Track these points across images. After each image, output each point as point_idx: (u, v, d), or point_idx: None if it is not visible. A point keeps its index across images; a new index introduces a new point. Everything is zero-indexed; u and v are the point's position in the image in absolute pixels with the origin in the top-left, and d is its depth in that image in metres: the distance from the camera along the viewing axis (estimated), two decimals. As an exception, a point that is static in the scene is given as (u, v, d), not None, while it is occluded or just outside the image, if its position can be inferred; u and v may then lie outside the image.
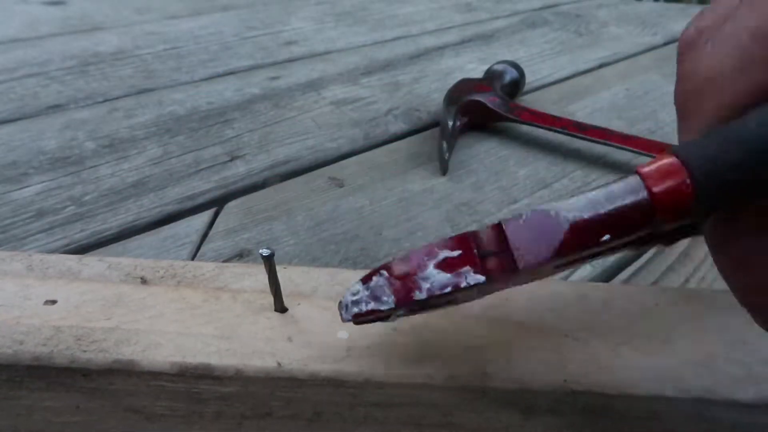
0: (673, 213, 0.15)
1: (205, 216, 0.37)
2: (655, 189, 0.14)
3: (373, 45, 0.68)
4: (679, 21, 0.82)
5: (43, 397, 0.20)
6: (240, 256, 0.34)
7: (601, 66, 0.65)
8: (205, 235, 0.35)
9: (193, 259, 0.33)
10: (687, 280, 0.33)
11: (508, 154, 0.45)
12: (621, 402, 0.19)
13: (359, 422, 0.20)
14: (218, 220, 0.37)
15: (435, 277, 0.16)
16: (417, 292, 0.16)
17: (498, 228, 0.16)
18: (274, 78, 0.58)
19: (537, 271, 0.16)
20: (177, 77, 0.57)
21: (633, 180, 0.15)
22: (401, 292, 0.16)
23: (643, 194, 0.15)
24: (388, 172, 0.42)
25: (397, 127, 0.49)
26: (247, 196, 0.39)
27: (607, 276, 0.34)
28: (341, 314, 0.17)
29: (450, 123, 0.44)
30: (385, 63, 0.63)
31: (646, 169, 0.15)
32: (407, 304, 0.16)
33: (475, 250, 0.16)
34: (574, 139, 0.46)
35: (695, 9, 1.02)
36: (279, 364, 0.19)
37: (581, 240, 0.15)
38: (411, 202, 0.39)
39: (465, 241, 0.16)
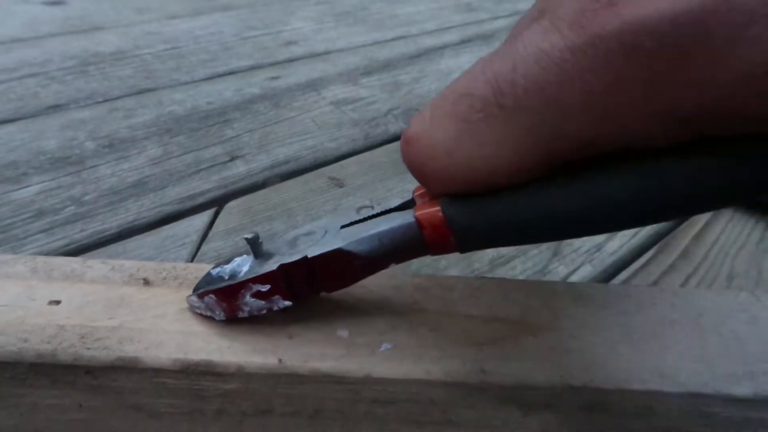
0: (443, 252, 0.18)
1: (205, 216, 0.37)
2: (428, 236, 0.17)
3: (373, 45, 0.68)
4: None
5: (47, 395, 0.20)
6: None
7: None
8: (205, 235, 0.35)
9: (193, 258, 0.34)
10: (687, 280, 0.33)
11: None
12: (618, 397, 0.20)
13: (359, 419, 0.21)
14: (218, 220, 0.37)
15: (252, 304, 0.20)
16: (240, 313, 0.20)
17: (306, 261, 0.19)
18: (274, 78, 0.58)
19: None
20: (177, 77, 0.57)
21: (412, 225, 0.18)
22: (228, 311, 0.20)
23: (421, 238, 0.18)
24: (388, 172, 0.43)
25: (397, 127, 0.50)
26: (247, 196, 0.40)
27: (607, 276, 0.34)
28: (190, 304, 0.21)
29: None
30: (385, 63, 0.63)
31: (422, 217, 0.17)
32: (235, 319, 0.21)
33: (282, 282, 0.19)
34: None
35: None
36: (280, 360, 0.20)
37: (371, 271, 0.20)
38: (410, 201, 0.39)
39: (273, 277, 0.19)
